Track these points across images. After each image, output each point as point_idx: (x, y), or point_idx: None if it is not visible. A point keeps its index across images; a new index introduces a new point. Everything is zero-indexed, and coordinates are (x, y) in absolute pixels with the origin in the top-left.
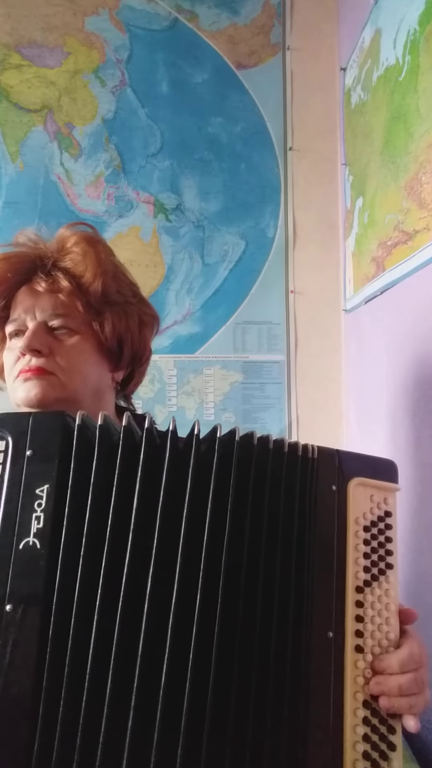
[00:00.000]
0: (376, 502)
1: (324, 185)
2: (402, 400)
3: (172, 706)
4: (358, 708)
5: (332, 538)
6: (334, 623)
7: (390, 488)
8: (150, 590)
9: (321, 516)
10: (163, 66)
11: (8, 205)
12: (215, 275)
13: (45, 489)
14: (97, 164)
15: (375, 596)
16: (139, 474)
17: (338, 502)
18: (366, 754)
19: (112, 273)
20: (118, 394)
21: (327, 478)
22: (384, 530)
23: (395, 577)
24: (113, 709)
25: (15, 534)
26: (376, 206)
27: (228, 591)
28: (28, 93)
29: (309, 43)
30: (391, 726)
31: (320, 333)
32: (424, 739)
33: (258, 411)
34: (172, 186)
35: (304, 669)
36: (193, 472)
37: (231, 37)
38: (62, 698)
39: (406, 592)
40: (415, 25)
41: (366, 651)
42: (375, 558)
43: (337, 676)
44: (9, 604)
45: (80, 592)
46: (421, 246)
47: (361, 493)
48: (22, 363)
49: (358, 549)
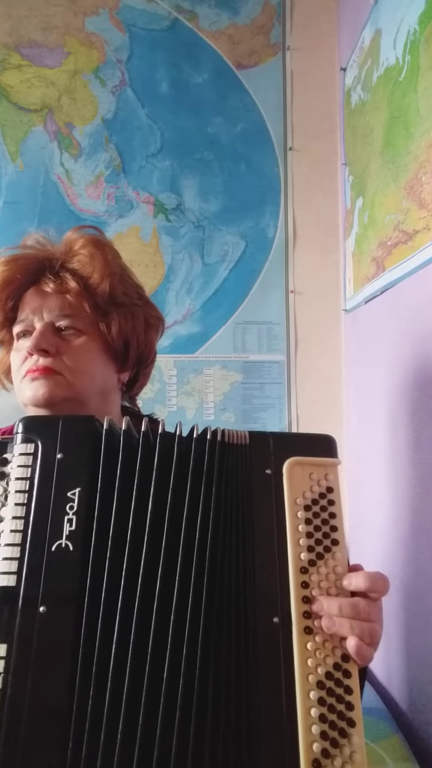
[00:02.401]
0: (316, 480)
1: (324, 185)
2: (402, 400)
3: (153, 701)
4: (312, 689)
5: (271, 522)
6: (280, 608)
7: (329, 463)
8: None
9: (258, 501)
10: (163, 66)
11: (8, 205)
12: (215, 275)
13: (77, 492)
14: (97, 164)
15: (322, 575)
16: (154, 476)
17: (275, 485)
18: (324, 734)
19: (119, 275)
20: (123, 395)
21: (261, 462)
22: (327, 507)
23: (342, 553)
24: (132, 705)
25: (47, 536)
26: (376, 206)
27: (166, 587)
28: (28, 93)
29: (309, 43)
30: (349, 703)
31: (320, 333)
32: (424, 739)
33: (258, 411)
34: (172, 186)
35: (252, 655)
36: (155, 471)
37: (231, 37)
38: (92, 696)
39: (406, 592)
40: (415, 25)
41: (316, 631)
42: (319, 536)
43: (287, 659)
44: (43, 606)
45: (110, 593)
46: (421, 246)
47: (298, 472)
48: (30, 363)
49: (299, 530)
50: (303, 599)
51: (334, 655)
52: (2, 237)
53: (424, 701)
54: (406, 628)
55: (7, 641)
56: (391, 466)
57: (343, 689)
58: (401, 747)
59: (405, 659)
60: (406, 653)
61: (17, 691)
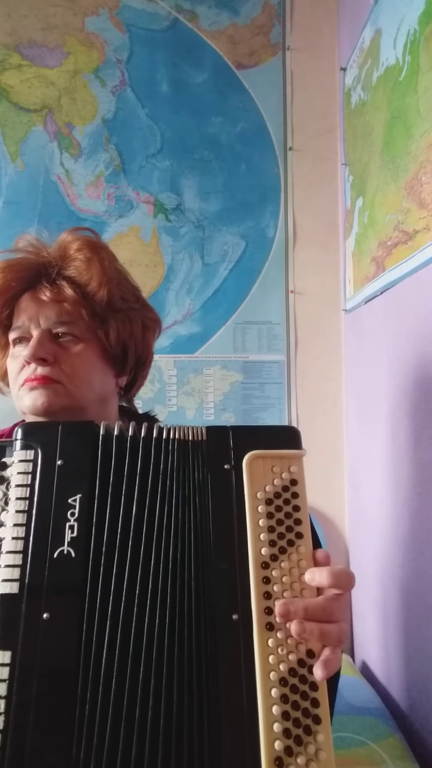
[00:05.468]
0: (279, 473)
1: (324, 185)
2: (402, 400)
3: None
4: (274, 687)
5: (230, 517)
6: (240, 604)
7: (293, 455)
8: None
9: (216, 497)
10: (163, 66)
11: (8, 205)
12: (215, 275)
13: (78, 498)
14: (97, 164)
15: (285, 569)
16: (150, 480)
17: (235, 480)
18: (287, 731)
19: (116, 280)
20: (121, 398)
21: (219, 457)
22: (290, 500)
23: (307, 547)
24: (121, 707)
25: (49, 543)
26: (376, 206)
27: (144, 588)
28: (28, 93)
29: (309, 43)
30: (315, 699)
31: (320, 333)
32: (424, 739)
33: (258, 411)
34: (172, 186)
35: (211, 654)
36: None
37: (231, 37)
38: (99, 702)
39: (406, 592)
40: (415, 25)
41: (278, 627)
42: (282, 530)
43: (247, 656)
44: (46, 613)
45: (114, 599)
46: (421, 246)
47: (259, 466)
48: (28, 371)
49: (260, 524)
50: (264, 595)
51: (298, 652)
52: (2, 237)
53: (424, 701)
54: (405, 628)
55: (11, 648)
56: (391, 466)
57: (308, 686)
58: (401, 747)
59: (405, 659)
60: (406, 653)
61: (22, 697)
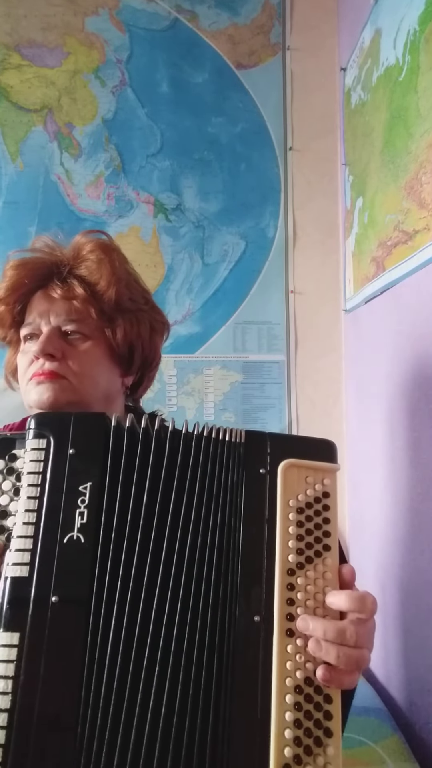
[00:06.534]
0: (312, 484)
1: (324, 185)
2: (402, 400)
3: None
4: (289, 693)
5: (261, 520)
6: (264, 607)
7: (328, 468)
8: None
9: (249, 499)
10: (163, 66)
11: (8, 205)
12: (215, 275)
13: (88, 486)
14: (97, 164)
15: (310, 579)
16: (150, 471)
17: (269, 485)
18: (297, 739)
19: (126, 281)
20: (127, 398)
21: (256, 461)
22: (321, 511)
23: (334, 560)
24: (132, 697)
25: (59, 529)
26: (376, 206)
27: (163, 577)
28: (28, 93)
29: (309, 43)
30: (328, 712)
31: (320, 333)
32: (424, 739)
33: (258, 411)
34: (172, 186)
35: (230, 652)
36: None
37: (231, 37)
38: (104, 685)
39: (406, 592)
40: (415, 25)
41: (298, 635)
42: (310, 540)
43: (265, 659)
44: (55, 596)
45: (122, 584)
46: (421, 246)
47: (294, 474)
48: (36, 366)
49: (290, 532)
50: (288, 601)
51: (316, 662)
52: (2, 237)
53: (424, 701)
54: (405, 628)
55: (20, 630)
56: (391, 466)
57: (322, 697)
58: (401, 747)
59: (404, 659)
60: (405, 653)
61: (29, 677)
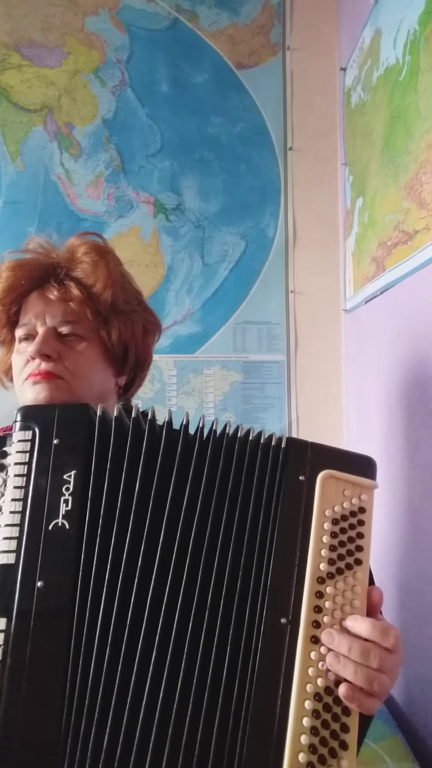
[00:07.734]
0: (349, 497)
1: (324, 185)
2: (402, 400)
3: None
4: (308, 699)
5: (296, 526)
6: (292, 611)
7: (366, 484)
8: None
9: (286, 504)
10: (163, 66)
11: (8, 205)
12: (215, 275)
13: (72, 474)
14: (97, 164)
15: (339, 590)
16: (141, 462)
17: (306, 493)
18: (312, 747)
19: (121, 283)
20: (120, 397)
21: (296, 468)
22: (356, 525)
23: (364, 574)
24: (127, 683)
25: (44, 516)
26: (376, 206)
27: (191, 570)
28: (28, 93)
29: (309, 43)
30: (345, 725)
31: (320, 333)
32: (424, 739)
33: (258, 411)
34: (172, 186)
35: (253, 650)
36: (179, 458)
37: (231, 37)
38: (92, 670)
39: (406, 592)
40: (415, 25)
41: (322, 643)
42: (342, 552)
43: (288, 662)
44: (40, 581)
45: (111, 569)
46: (421, 246)
47: (332, 486)
48: (32, 366)
49: (323, 541)
50: (315, 608)
51: (339, 674)
52: (2, 237)
53: (424, 701)
54: (405, 628)
55: (6, 615)
56: (390, 466)
57: (341, 708)
58: (401, 747)
59: (405, 659)
60: (405, 653)
61: (16, 661)
